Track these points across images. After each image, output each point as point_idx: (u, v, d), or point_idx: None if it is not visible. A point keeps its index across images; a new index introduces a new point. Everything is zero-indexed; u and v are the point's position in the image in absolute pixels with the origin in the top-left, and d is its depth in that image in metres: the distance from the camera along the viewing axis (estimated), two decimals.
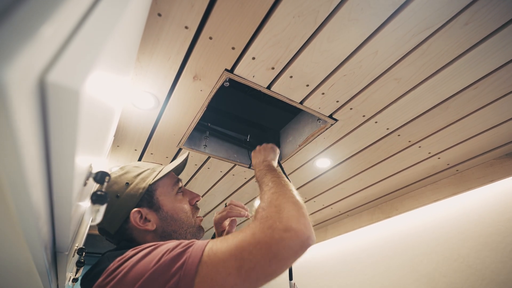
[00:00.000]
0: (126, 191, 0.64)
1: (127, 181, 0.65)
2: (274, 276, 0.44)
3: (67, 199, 0.34)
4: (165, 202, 0.65)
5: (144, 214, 0.63)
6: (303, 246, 0.45)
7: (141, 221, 0.62)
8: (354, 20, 0.61)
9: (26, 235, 0.31)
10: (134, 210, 0.62)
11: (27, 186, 0.23)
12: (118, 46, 0.32)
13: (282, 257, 0.43)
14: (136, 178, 0.66)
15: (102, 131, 0.46)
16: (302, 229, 0.46)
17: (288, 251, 0.44)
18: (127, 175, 0.66)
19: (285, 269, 0.44)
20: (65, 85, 0.19)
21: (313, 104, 0.86)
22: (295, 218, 0.48)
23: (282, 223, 0.47)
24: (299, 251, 0.45)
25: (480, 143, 1.02)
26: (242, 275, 0.42)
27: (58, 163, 0.27)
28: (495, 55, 0.69)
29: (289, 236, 0.45)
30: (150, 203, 0.64)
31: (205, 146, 1.06)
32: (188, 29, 0.63)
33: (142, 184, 0.65)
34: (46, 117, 0.21)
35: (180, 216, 0.66)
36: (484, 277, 1.06)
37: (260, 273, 0.42)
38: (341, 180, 1.29)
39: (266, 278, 0.43)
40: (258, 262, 0.42)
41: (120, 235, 0.64)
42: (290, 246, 0.44)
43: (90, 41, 0.22)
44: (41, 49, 0.17)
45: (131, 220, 0.61)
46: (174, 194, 0.68)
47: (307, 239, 0.46)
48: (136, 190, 0.64)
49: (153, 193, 0.65)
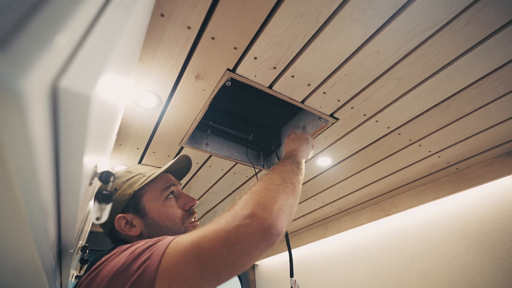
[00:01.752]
0: (114, 197, 0.63)
1: (116, 187, 0.66)
2: (237, 267, 0.40)
3: (74, 199, 0.35)
4: (151, 208, 0.64)
5: (129, 220, 0.63)
6: (265, 235, 0.41)
7: (126, 227, 0.63)
8: (356, 20, 0.62)
9: (35, 234, 0.32)
10: (118, 216, 0.63)
11: (37, 186, 0.24)
12: (124, 49, 0.32)
13: (242, 246, 0.40)
14: (125, 184, 0.66)
15: (107, 131, 0.47)
16: (265, 216, 0.42)
17: (248, 240, 0.40)
18: (117, 180, 0.67)
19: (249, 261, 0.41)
20: (77, 91, 0.20)
21: (314, 103, 0.86)
22: (261, 205, 0.44)
23: (246, 210, 0.43)
24: (261, 240, 0.41)
25: (480, 142, 1.03)
26: (201, 264, 0.40)
27: (67, 164, 0.28)
28: (495, 55, 0.70)
29: (249, 223, 0.41)
30: (136, 209, 0.64)
31: (206, 145, 1.07)
32: (190, 29, 0.63)
33: (128, 190, 0.65)
34: (57, 121, 0.22)
35: (166, 223, 0.64)
36: (483, 274, 1.07)
37: (219, 262, 0.39)
38: (342, 178, 1.30)
39: (227, 270, 0.40)
40: (216, 251, 0.40)
41: (113, 236, 0.66)
42: (250, 233, 0.40)
43: (99, 47, 0.23)
44: (55, 57, 0.17)
45: (115, 225, 0.63)
46: (162, 199, 0.66)
47: (269, 228, 0.41)
48: (122, 196, 0.64)
49: (139, 199, 0.65)
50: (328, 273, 1.75)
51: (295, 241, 2.03)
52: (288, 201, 0.49)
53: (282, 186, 0.51)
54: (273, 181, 0.52)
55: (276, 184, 0.51)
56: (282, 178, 0.55)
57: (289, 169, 0.61)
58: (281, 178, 0.55)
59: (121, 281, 0.40)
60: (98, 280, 0.43)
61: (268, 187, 0.50)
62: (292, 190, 0.53)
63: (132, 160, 1.16)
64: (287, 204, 0.48)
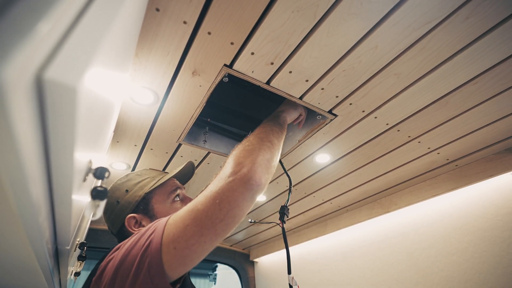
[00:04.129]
0: (125, 198, 0.70)
1: (127, 188, 0.72)
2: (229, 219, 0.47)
3: (67, 195, 0.34)
4: (159, 209, 0.70)
5: (139, 220, 0.69)
6: (246, 186, 0.49)
7: (135, 226, 0.68)
8: (354, 15, 0.61)
9: (27, 231, 0.31)
10: (129, 215, 0.68)
11: (27, 182, 0.23)
12: (116, 42, 0.32)
13: (229, 200, 0.47)
14: (136, 186, 0.72)
15: (102, 127, 0.46)
16: (244, 172, 0.50)
17: (234, 193, 0.48)
18: (128, 182, 0.73)
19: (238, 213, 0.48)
20: (63, 82, 0.19)
21: (313, 99, 0.86)
22: (240, 164, 0.52)
23: (230, 170, 0.51)
24: (244, 192, 0.49)
25: (480, 138, 1.02)
26: (198, 223, 0.46)
27: (58, 159, 0.27)
28: (495, 50, 0.69)
29: (231, 180, 0.49)
30: (146, 210, 0.70)
31: (204, 142, 1.06)
32: (186, 24, 0.62)
33: (139, 192, 0.71)
34: (45, 114, 0.22)
35: None
36: (482, 271, 1.07)
37: (213, 218, 0.46)
38: (341, 175, 1.30)
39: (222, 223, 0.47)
40: (209, 209, 0.47)
41: (121, 234, 0.70)
42: (233, 188, 0.48)
43: (87, 38, 0.22)
44: (38, 46, 0.17)
45: (125, 224, 0.68)
46: (170, 201, 0.72)
47: (248, 180, 0.49)
48: (133, 197, 0.70)
49: (149, 201, 0.71)
50: (327, 270, 1.76)
51: (294, 238, 2.03)
52: (264, 157, 0.57)
53: (258, 145, 0.59)
54: (251, 142, 0.61)
55: (253, 144, 0.60)
56: (260, 138, 0.63)
57: (267, 130, 0.69)
58: (259, 138, 0.63)
59: (133, 255, 0.47)
60: (117, 260, 0.50)
61: (246, 148, 0.58)
62: (269, 147, 0.61)
63: (130, 157, 1.16)
64: (264, 159, 0.56)
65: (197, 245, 0.46)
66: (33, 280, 0.54)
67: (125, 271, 0.46)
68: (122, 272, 0.46)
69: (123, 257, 0.48)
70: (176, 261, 0.45)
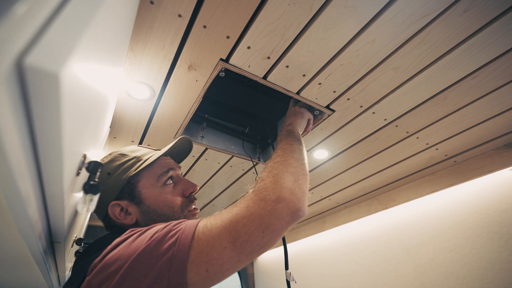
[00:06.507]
0: (107, 182, 0.60)
1: (109, 171, 0.61)
2: (268, 247, 0.45)
3: (58, 189, 0.34)
4: (147, 195, 0.61)
5: (125, 207, 0.60)
6: (294, 217, 0.46)
7: (121, 214, 0.60)
8: (351, 7, 0.60)
9: (18, 224, 0.31)
10: (112, 202, 0.59)
11: (12, 174, 0.23)
12: (105, 31, 0.31)
13: (274, 228, 0.44)
14: (119, 168, 0.62)
15: (96, 121, 0.46)
16: (294, 200, 0.47)
17: (280, 222, 0.45)
18: (111, 164, 0.62)
19: (277, 240, 0.46)
20: (44, 68, 0.19)
21: (310, 94, 0.85)
22: (289, 190, 0.48)
23: (275, 194, 0.47)
24: (290, 221, 0.46)
25: (478, 134, 1.02)
26: (237, 248, 0.42)
27: (45, 151, 0.27)
28: (495, 43, 0.68)
29: (280, 207, 0.45)
30: (131, 195, 0.60)
31: (202, 138, 1.06)
32: (181, 17, 0.61)
33: (122, 175, 0.61)
34: (28, 102, 0.21)
35: (164, 211, 0.61)
36: (480, 267, 1.07)
37: (254, 244, 0.43)
38: (339, 171, 1.30)
39: (260, 250, 0.44)
40: (252, 234, 0.43)
41: (107, 222, 0.63)
42: (281, 217, 0.45)
43: (71, 24, 0.21)
44: (16, 30, 0.16)
45: (109, 212, 0.59)
46: (160, 185, 0.62)
47: (297, 211, 0.47)
48: (117, 181, 0.60)
49: (135, 185, 0.61)
50: (325, 266, 1.76)
51: (293, 235, 2.04)
52: (307, 184, 0.55)
53: (300, 169, 0.56)
54: (291, 164, 0.57)
55: (295, 167, 0.56)
56: (297, 159, 0.60)
57: (296, 149, 0.65)
58: (296, 160, 0.59)
59: (147, 265, 0.40)
60: (116, 264, 0.41)
61: (288, 170, 0.54)
62: (307, 172, 0.59)
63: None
64: (307, 187, 0.54)
65: (231, 271, 0.42)
66: (30, 275, 0.54)
67: (135, 281, 0.39)
68: (132, 281, 0.39)
69: (131, 265, 0.40)
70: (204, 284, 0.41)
